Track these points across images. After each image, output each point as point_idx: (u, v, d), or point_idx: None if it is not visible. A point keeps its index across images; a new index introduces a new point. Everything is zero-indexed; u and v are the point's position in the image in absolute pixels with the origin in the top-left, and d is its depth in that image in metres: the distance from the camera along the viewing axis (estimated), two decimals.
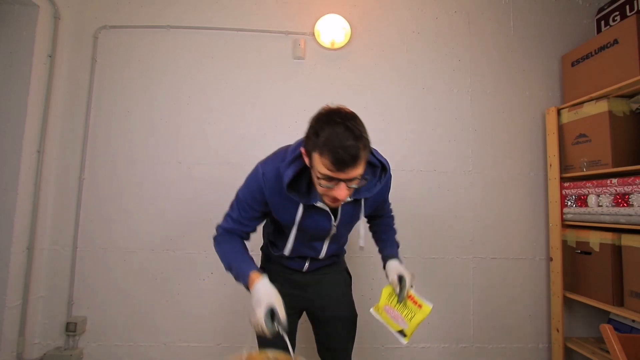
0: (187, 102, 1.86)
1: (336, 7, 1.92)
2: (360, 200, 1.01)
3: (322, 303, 1.19)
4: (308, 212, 0.98)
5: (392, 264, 1.12)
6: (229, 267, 1.01)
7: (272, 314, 0.86)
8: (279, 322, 0.85)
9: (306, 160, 0.89)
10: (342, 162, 0.78)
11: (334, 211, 1.00)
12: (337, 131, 0.79)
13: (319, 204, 0.95)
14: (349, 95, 1.90)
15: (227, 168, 1.84)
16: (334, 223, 1.02)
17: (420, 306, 1.02)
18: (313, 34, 1.89)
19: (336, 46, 1.89)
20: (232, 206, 1.06)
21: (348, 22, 1.87)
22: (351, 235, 1.19)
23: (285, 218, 1.01)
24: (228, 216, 1.06)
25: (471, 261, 1.87)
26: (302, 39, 1.88)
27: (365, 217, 1.11)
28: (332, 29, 1.84)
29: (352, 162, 0.79)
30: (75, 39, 1.86)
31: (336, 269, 1.24)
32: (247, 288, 0.94)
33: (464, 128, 1.92)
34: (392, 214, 1.29)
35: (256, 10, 1.92)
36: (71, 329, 1.70)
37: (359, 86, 1.91)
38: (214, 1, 1.92)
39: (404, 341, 0.99)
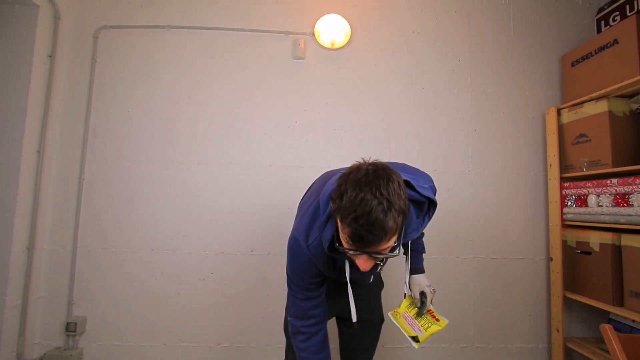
0: (187, 102, 1.86)
1: (336, 7, 1.92)
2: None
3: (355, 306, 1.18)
4: (354, 265, 0.90)
5: (416, 279, 1.12)
6: None
7: None
8: None
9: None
10: (361, 240, 0.68)
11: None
12: (362, 200, 0.66)
13: None
14: (349, 95, 1.90)
15: (227, 168, 1.84)
16: (381, 265, 0.96)
17: (437, 320, 1.06)
18: (313, 34, 1.89)
19: (336, 46, 1.89)
20: (290, 288, 0.97)
21: (348, 22, 1.87)
22: None
23: (334, 277, 0.97)
24: (293, 299, 0.97)
25: (471, 261, 1.87)
26: (302, 39, 1.88)
27: None
28: (332, 29, 1.84)
29: (375, 240, 0.68)
30: (75, 39, 1.86)
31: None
32: None
33: (464, 128, 1.92)
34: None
35: (256, 10, 1.92)
36: (71, 329, 1.70)
37: (359, 86, 1.91)
38: (214, 1, 1.92)
39: (415, 346, 1.04)
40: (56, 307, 1.75)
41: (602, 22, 1.88)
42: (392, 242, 0.73)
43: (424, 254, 1.20)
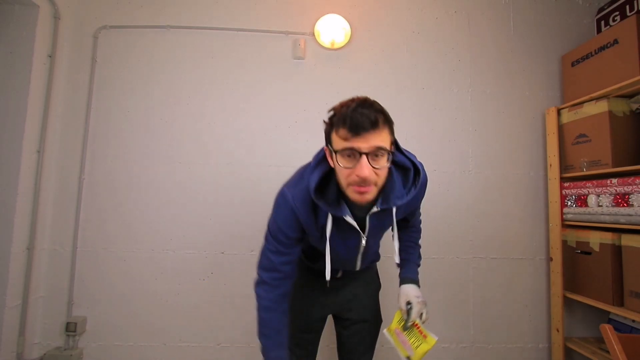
0: (187, 102, 1.86)
1: (336, 7, 1.92)
2: (390, 209, 0.92)
3: (349, 305, 1.18)
4: (338, 228, 0.93)
5: (405, 289, 1.07)
6: (259, 337, 1.02)
7: None
8: None
9: (330, 159, 0.85)
10: (358, 125, 0.75)
11: (362, 226, 0.94)
12: (351, 105, 0.78)
13: (347, 218, 0.89)
14: (349, 95, 1.87)
15: (227, 168, 1.84)
16: (364, 236, 0.96)
17: (425, 337, 0.98)
18: (313, 34, 1.89)
19: (336, 46, 1.89)
20: (266, 239, 0.99)
21: (348, 22, 1.87)
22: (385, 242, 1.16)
23: (317, 235, 0.97)
24: (266, 251, 0.99)
25: (471, 261, 1.87)
26: (302, 39, 1.88)
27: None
28: (332, 29, 1.84)
29: (369, 125, 0.75)
30: (75, 39, 1.86)
31: (367, 274, 1.22)
32: None
33: (464, 128, 1.92)
34: (420, 225, 1.20)
35: (256, 10, 1.92)
36: (71, 329, 1.70)
37: (359, 86, 1.90)
38: (213, 1, 1.92)
39: None
40: (56, 307, 1.75)
41: (602, 22, 1.88)
42: (384, 140, 0.78)
43: (419, 267, 1.15)
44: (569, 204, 1.76)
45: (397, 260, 1.03)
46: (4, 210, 1.59)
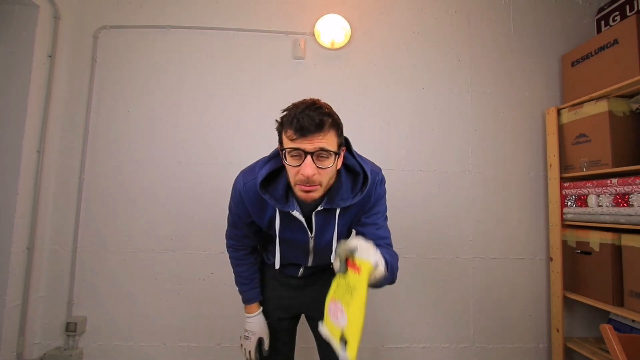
0: (187, 102, 1.86)
1: (336, 7, 1.92)
2: (334, 210, 0.93)
3: (316, 305, 1.13)
4: (286, 222, 0.95)
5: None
6: (236, 284, 1.16)
7: (259, 343, 1.11)
8: (261, 351, 1.14)
9: (282, 157, 0.86)
10: (303, 127, 0.77)
11: (310, 224, 0.96)
12: (299, 107, 0.82)
13: (295, 213, 0.91)
14: (349, 95, 1.90)
15: (227, 168, 1.84)
16: (311, 235, 0.97)
17: (359, 269, 0.70)
18: (313, 34, 1.89)
19: (336, 46, 1.89)
20: (230, 212, 1.08)
21: (348, 22, 1.87)
22: None
23: (265, 226, 1.00)
24: (228, 223, 1.10)
25: (471, 261, 1.87)
26: (302, 39, 1.88)
27: (344, 235, 1.01)
28: (332, 29, 1.84)
29: (314, 127, 0.78)
30: (75, 39, 1.86)
31: (331, 273, 1.19)
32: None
33: (464, 128, 1.92)
34: (391, 248, 0.99)
35: (256, 10, 1.92)
36: (71, 329, 1.70)
37: (359, 86, 1.91)
38: (214, 1, 1.92)
39: (345, 355, 0.70)
40: (56, 307, 1.75)
41: (602, 22, 1.88)
42: (329, 142, 0.80)
43: (390, 269, 0.86)
44: (569, 204, 1.76)
45: (333, 259, 0.91)
46: (4, 210, 1.59)
